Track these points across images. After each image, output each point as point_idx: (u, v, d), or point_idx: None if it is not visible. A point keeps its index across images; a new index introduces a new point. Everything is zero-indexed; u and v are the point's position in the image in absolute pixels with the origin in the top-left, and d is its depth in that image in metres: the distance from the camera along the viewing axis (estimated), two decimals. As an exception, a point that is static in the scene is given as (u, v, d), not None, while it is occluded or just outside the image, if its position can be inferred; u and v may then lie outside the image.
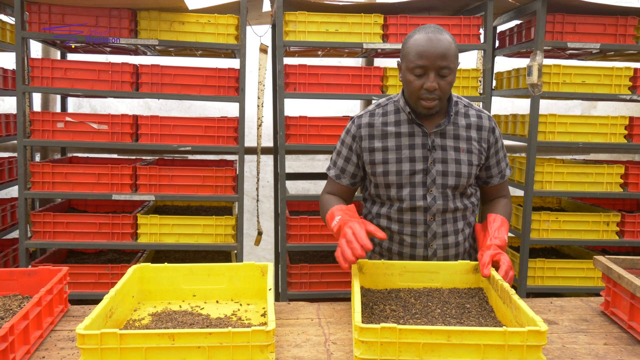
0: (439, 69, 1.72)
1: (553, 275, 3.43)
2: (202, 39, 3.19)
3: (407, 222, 1.90)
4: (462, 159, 1.87)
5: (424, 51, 1.71)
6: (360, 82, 3.27)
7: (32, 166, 3.19)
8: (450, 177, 1.86)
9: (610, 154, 4.63)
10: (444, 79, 1.74)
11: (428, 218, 1.88)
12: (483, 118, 1.92)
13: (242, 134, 3.22)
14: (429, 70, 1.73)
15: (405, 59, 1.78)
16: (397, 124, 1.88)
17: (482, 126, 1.91)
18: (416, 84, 1.76)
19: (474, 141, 1.89)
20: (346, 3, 3.31)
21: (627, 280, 1.60)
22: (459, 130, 1.88)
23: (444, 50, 1.71)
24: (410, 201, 1.87)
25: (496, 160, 1.96)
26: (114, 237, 3.22)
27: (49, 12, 3.09)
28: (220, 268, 1.76)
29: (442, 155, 1.86)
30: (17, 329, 1.37)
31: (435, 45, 1.71)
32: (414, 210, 1.88)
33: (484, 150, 1.91)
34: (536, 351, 1.28)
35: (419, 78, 1.75)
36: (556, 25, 3.29)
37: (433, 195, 1.86)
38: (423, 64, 1.72)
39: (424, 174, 1.86)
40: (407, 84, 1.79)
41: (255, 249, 4.39)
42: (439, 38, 1.72)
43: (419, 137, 1.86)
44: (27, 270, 1.75)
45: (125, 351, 1.26)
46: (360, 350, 1.30)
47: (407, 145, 1.86)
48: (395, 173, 1.86)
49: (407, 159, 1.86)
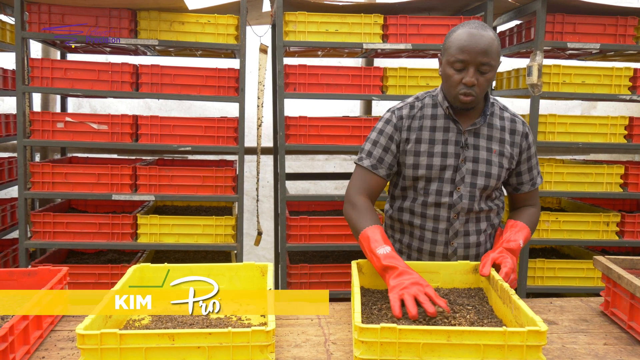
0: (479, 65, 1.71)
1: (553, 275, 3.43)
2: (202, 39, 3.19)
3: (430, 217, 1.88)
4: (493, 160, 1.85)
5: (466, 46, 1.70)
6: (360, 82, 3.27)
7: (32, 166, 3.19)
8: (480, 177, 1.84)
9: (610, 154, 4.63)
10: (483, 75, 1.73)
11: (452, 215, 1.87)
12: (517, 122, 1.90)
13: (242, 134, 3.22)
14: (469, 65, 1.71)
15: (446, 53, 1.77)
16: (434, 117, 1.86)
17: (515, 130, 1.89)
18: (455, 78, 1.74)
19: (506, 144, 1.87)
20: (346, 3, 3.31)
21: (626, 281, 1.60)
22: (492, 132, 1.86)
23: (485, 46, 1.70)
24: (436, 196, 1.85)
25: (528, 167, 1.93)
26: (114, 237, 3.22)
27: (48, 12, 3.09)
28: (220, 268, 1.76)
29: (473, 154, 1.84)
30: (17, 329, 1.37)
31: (477, 40, 1.70)
32: (438, 206, 1.86)
33: (515, 154, 1.89)
34: (536, 351, 1.28)
35: (458, 72, 1.74)
36: (556, 25, 3.29)
37: (460, 193, 1.84)
38: (464, 58, 1.71)
39: (453, 170, 1.84)
40: (446, 78, 1.78)
41: (255, 249, 4.39)
42: (482, 34, 1.71)
43: (453, 133, 1.84)
44: (27, 271, 1.74)
45: (125, 351, 1.26)
46: (360, 351, 1.30)
47: (441, 140, 1.84)
48: (426, 167, 1.84)
49: (439, 154, 1.84)
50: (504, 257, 1.72)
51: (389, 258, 1.60)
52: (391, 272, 1.58)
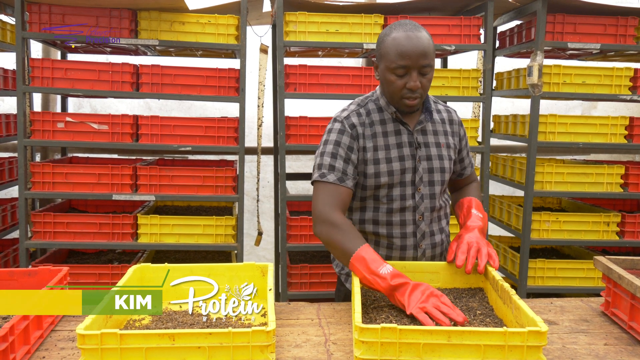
0: (421, 68, 1.70)
1: (553, 275, 3.43)
2: (203, 39, 3.19)
3: (397, 223, 1.85)
4: (443, 154, 1.87)
5: (405, 51, 1.67)
6: (360, 83, 3.27)
7: (32, 166, 3.19)
8: (436, 174, 1.86)
9: (610, 154, 4.63)
10: (425, 76, 1.72)
11: (417, 217, 1.86)
12: (451, 112, 1.95)
13: (243, 134, 3.23)
14: (411, 69, 1.69)
15: (384, 59, 1.73)
16: (383, 122, 1.84)
17: (452, 120, 1.94)
18: (398, 84, 1.72)
19: (449, 135, 1.91)
20: (346, 3, 3.31)
21: (627, 281, 1.60)
22: (436, 126, 1.89)
23: (424, 49, 1.68)
24: (401, 201, 1.83)
25: (467, 152, 2.01)
26: (114, 237, 3.22)
27: (49, 12, 3.09)
28: (221, 268, 1.76)
29: (426, 152, 1.85)
30: (17, 329, 1.37)
31: (416, 44, 1.68)
32: (403, 211, 1.84)
33: (457, 143, 1.93)
34: (536, 351, 1.28)
35: (400, 78, 1.71)
36: (556, 25, 3.29)
37: (421, 193, 1.85)
38: (405, 64, 1.68)
39: (412, 172, 1.83)
40: (388, 84, 1.75)
41: (256, 249, 4.39)
42: (418, 36, 1.69)
43: (405, 135, 1.83)
44: (28, 271, 1.75)
45: (126, 351, 1.26)
46: (361, 351, 1.30)
47: (395, 144, 1.82)
48: (387, 173, 1.81)
49: (397, 158, 1.82)
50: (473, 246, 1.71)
51: (397, 277, 1.55)
52: (403, 289, 1.54)
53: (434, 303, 1.48)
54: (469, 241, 1.72)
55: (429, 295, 1.51)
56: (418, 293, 1.52)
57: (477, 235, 1.74)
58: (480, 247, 1.70)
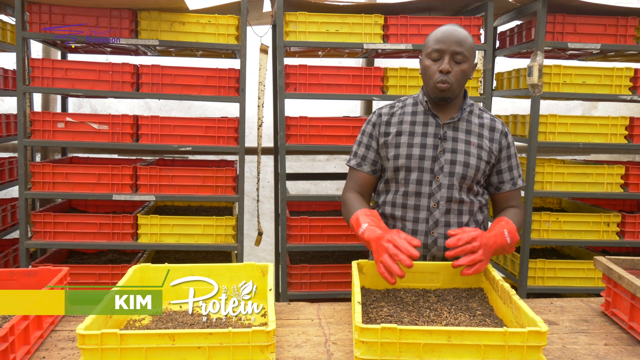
0: (454, 54, 1.83)
1: (553, 275, 3.42)
2: (203, 39, 3.19)
3: (411, 207, 1.92)
4: (471, 151, 1.91)
5: (441, 37, 1.84)
6: (360, 83, 3.27)
7: (32, 166, 3.19)
8: (458, 166, 1.89)
9: (610, 155, 4.63)
10: (458, 65, 1.84)
11: (431, 205, 1.90)
12: (497, 122, 1.99)
13: (243, 134, 3.22)
14: (444, 54, 1.83)
15: (424, 49, 1.90)
16: (414, 113, 1.97)
17: (495, 127, 1.97)
18: (432, 69, 1.86)
19: (485, 139, 1.94)
20: (346, 3, 3.31)
21: (627, 281, 1.60)
22: (471, 127, 1.95)
23: (460, 38, 1.83)
24: (417, 185, 1.91)
25: (508, 166, 1.98)
26: (115, 238, 3.22)
27: (49, 13, 3.09)
28: (221, 268, 1.76)
29: (452, 145, 1.91)
30: (18, 329, 1.37)
31: (452, 33, 1.84)
32: (418, 196, 1.91)
33: (495, 150, 1.95)
34: (536, 352, 1.28)
35: (435, 62, 1.86)
36: (556, 25, 3.29)
37: (439, 182, 1.89)
38: (439, 47, 1.83)
39: (432, 160, 1.90)
40: (424, 70, 1.90)
41: (256, 250, 4.39)
42: (456, 29, 1.86)
43: (432, 126, 1.93)
44: (28, 271, 1.75)
45: (126, 351, 1.26)
46: (361, 351, 1.30)
47: (420, 132, 1.93)
48: (405, 156, 1.91)
49: (418, 145, 1.91)
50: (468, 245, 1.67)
51: (368, 232, 1.74)
52: (373, 243, 1.70)
53: (387, 249, 1.62)
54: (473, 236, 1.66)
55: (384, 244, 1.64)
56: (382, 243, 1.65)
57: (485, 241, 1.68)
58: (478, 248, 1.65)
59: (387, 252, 1.62)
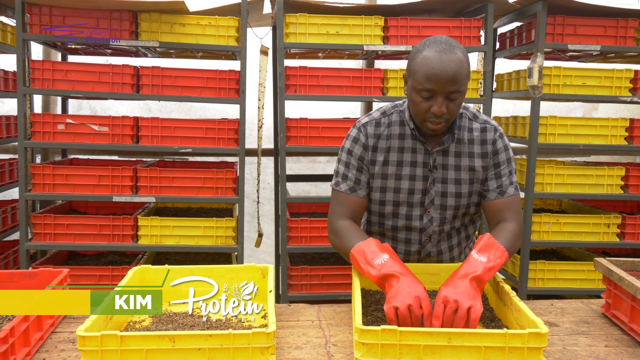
0: (449, 94, 1.59)
1: (554, 277, 3.42)
2: (203, 41, 3.19)
3: (402, 240, 1.84)
4: (462, 178, 1.76)
5: (433, 75, 1.56)
6: (360, 84, 3.27)
7: (32, 168, 3.19)
8: (450, 198, 1.77)
9: (610, 156, 4.63)
10: (453, 102, 1.61)
11: (423, 239, 1.82)
12: (487, 131, 1.78)
13: (243, 135, 3.23)
14: (438, 94, 1.59)
15: (412, 77, 1.63)
16: (401, 137, 1.77)
17: (485, 139, 1.77)
18: (423, 106, 1.62)
19: (476, 157, 1.77)
20: (347, 5, 3.31)
21: (627, 282, 1.60)
22: (461, 148, 1.76)
23: (454, 73, 1.56)
24: (406, 221, 1.80)
25: (495, 173, 1.78)
26: (115, 239, 3.22)
27: (49, 14, 3.09)
28: (221, 270, 1.76)
29: (442, 174, 1.76)
30: (18, 330, 1.37)
31: (445, 67, 1.56)
32: (409, 230, 1.81)
33: (487, 164, 1.78)
34: (537, 353, 1.28)
35: (426, 100, 1.61)
36: (557, 27, 3.29)
37: (430, 216, 1.79)
38: (431, 87, 1.58)
39: (422, 194, 1.77)
40: (413, 104, 1.65)
41: (256, 251, 4.38)
42: (450, 58, 1.56)
43: (421, 154, 1.76)
44: (28, 272, 1.74)
45: (126, 353, 1.26)
46: (361, 352, 1.30)
47: (409, 162, 1.76)
48: (394, 190, 1.77)
49: (407, 177, 1.76)
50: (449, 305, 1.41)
51: (389, 266, 1.48)
52: (391, 280, 1.47)
53: (408, 302, 1.39)
54: (445, 299, 1.41)
55: (411, 294, 1.41)
56: (405, 287, 1.42)
57: (459, 290, 1.41)
58: (458, 305, 1.39)
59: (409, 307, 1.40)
